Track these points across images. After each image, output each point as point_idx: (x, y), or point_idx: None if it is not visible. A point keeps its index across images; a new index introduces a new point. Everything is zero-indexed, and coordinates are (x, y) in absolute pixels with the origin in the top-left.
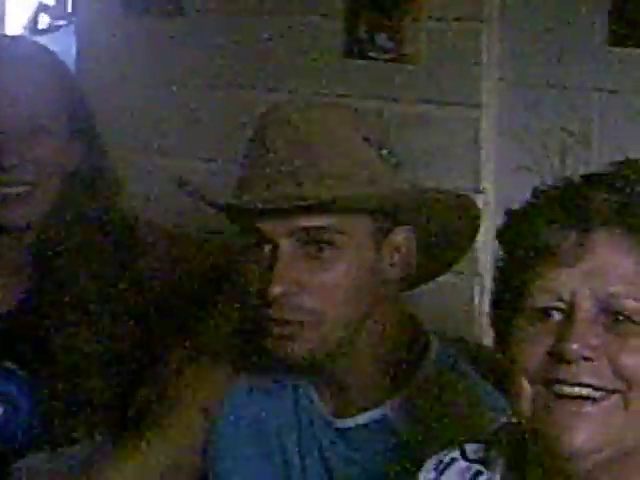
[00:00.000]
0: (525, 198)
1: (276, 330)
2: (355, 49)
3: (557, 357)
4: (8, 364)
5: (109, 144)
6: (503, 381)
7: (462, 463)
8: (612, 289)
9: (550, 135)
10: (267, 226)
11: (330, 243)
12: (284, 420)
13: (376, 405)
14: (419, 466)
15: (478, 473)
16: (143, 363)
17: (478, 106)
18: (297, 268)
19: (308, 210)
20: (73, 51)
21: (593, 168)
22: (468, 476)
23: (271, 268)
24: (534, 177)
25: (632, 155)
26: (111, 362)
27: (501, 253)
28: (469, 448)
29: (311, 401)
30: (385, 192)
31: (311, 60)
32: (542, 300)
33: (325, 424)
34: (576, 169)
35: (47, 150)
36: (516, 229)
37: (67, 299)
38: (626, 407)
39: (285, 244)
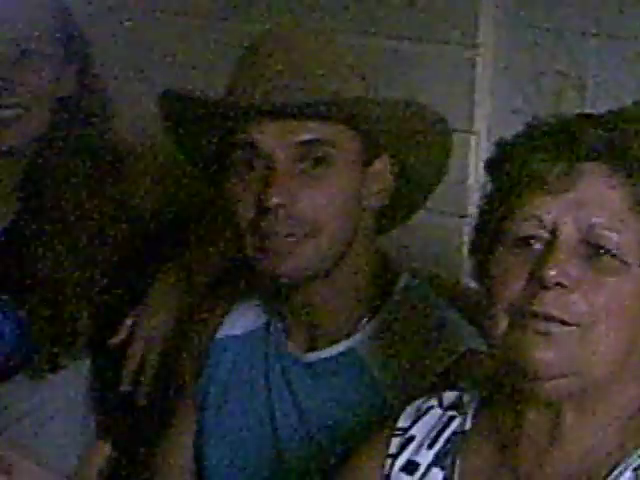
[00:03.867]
0: None
1: (269, 245)
2: None
3: (534, 283)
4: None
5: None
6: (480, 318)
7: (437, 411)
8: (595, 220)
9: (545, 78)
10: (264, 139)
11: (323, 160)
12: (255, 359)
13: (343, 338)
14: (388, 400)
15: (451, 418)
16: (128, 291)
17: (474, 46)
18: (293, 181)
19: (303, 120)
20: None
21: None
22: (442, 423)
23: (265, 183)
24: (528, 119)
25: (626, 100)
26: (95, 289)
27: (488, 183)
28: (446, 396)
29: (280, 338)
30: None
31: None
32: (525, 228)
33: (293, 359)
34: (570, 113)
35: (38, 74)
36: (504, 158)
37: (52, 226)
38: (588, 340)
39: (281, 157)
